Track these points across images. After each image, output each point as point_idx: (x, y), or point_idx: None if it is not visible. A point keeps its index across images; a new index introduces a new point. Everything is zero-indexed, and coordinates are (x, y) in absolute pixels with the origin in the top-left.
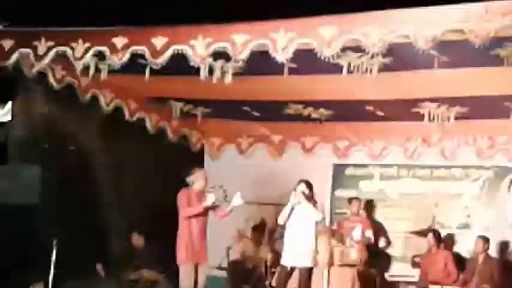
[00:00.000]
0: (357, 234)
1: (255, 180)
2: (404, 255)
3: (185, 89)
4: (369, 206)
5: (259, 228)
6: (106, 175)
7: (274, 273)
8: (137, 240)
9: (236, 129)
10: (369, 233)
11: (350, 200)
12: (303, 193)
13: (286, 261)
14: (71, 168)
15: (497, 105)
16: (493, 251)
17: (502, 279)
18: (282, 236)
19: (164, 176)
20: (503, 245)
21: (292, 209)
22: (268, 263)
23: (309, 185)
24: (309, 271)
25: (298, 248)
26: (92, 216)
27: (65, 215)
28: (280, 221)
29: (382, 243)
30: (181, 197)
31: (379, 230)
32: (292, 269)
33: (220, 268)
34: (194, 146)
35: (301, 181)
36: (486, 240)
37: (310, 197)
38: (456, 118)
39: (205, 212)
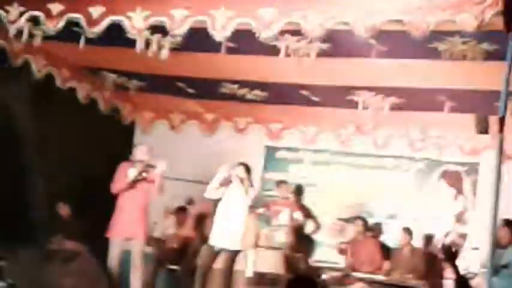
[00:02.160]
0: (283, 217)
1: (185, 157)
2: (331, 241)
3: (120, 61)
4: (298, 190)
5: (183, 208)
6: (32, 142)
7: (197, 252)
8: (63, 210)
9: (169, 104)
10: (298, 215)
11: (279, 183)
12: (238, 177)
13: (214, 241)
14: None
15: (432, 98)
16: (419, 242)
17: (426, 270)
18: (208, 216)
19: (95, 148)
20: (428, 237)
21: (224, 191)
22: (194, 243)
23: (248, 169)
24: (236, 253)
25: (228, 229)
26: (15, 183)
27: None
28: (207, 194)
29: (311, 227)
30: (117, 171)
31: (307, 214)
32: (220, 249)
33: (149, 245)
34: (125, 119)
35: (240, 164)
36: (410, 232)
37: (246, 180)
38: (391, 108)
39: (131, 187)
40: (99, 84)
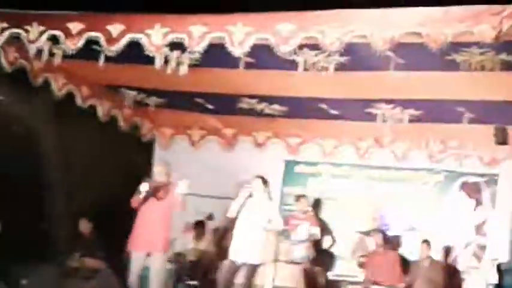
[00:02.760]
0: (302, 231)
1: (205, 172)
2: (350, 254)
3: (139, 78)
4: (317, 204)
5: (201, 222)
6: (55, 160)
7: (217, 267)
8: (85, 227)
9: (188, 120)
10: (315, 230)
11: (298, 197)
12: (259, 188)
13: (234, 255)
14: (17, 149)
15: (451, 109)
16: (438, 255)
17: (445, 282)
18: (228, 230)
19: (115, 165)
20: (448, 249)
21: (244, 202)
22: (213, 257)
23: (265, 182)
24: (255, 267)
25: (248, 243)
26: (38, 201)
27: (10, 197)
28: (230, 214)
29: (327, 242)
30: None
31: (324, 228)
32: (240, 264)
33: (168, 260)
34: (145, 136)
35: (257, 177)
36: (429, 244)
37: (267, 193)
38: (409, 121)
39: (150, 201)
40: (119, 101)
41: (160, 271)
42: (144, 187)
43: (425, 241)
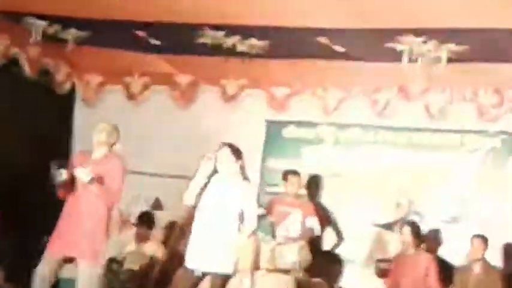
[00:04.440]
0: (293, 224)
1: (150, 140)
2: (366, 258)
3: (51, 2)
4: (314, 183)
5: (146, 214)
6: None
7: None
8: None
9: (125, 63)
10: (313, 222)
11: (286, 174)
12: (227, 162)
13: (193, 263)
14: None
15: (509, 43)
16: (494, 257)
17: None
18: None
19: (16, 130)
20: (510, 249)
21: (206, 184)
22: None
23: (237, 152)
24: (224, 278)
25: (213, 244)
26: None
27: None
28: (187, 200)
29: (329, 240)
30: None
31: (327, 219)
32: (204, 274)
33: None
34: (61, 86)
35: (223, 144)
36: (485, 240)
37: (239, 169)
38: (450, 60)
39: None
40: (22, 36)
41: (89, 283)
42: (82, 173)
43: (477, 236)
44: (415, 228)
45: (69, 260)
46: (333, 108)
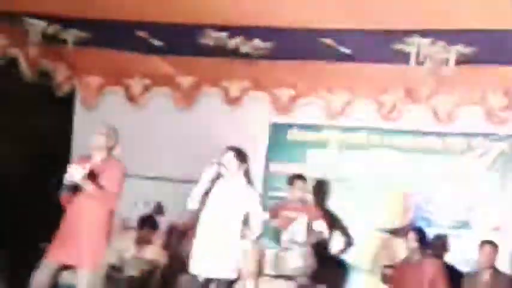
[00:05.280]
0: (299, 229)
1: (150, 142)
2: (371, 264)
3: (51, 3)
4: (320, 188)
5: (148, 218)
6: None
7: (170, 284)
8: None
9: (125, 64)
10: (321, 225)
11: (292, 179)
12: (231, 166)
13: (197, 268)
14: None
15: None
16: (505, 264)
17: None
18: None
19: (14, 133)
20: None
21: (210, 188)
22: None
23: (241, 155)
24: (228, 284)
25: (216, 249)
26: None
27: None
28: (190, 205)
29: (337, 244)
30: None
31: (334, 224)
32: (208, 280)
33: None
34: (60, 88)
35: (228, 148)
36: (494, 247)
37: (244, 174)
38: (458, 62)
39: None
40: (21, 36)
41: None
42: (74, 172)
43: (486, 243)
44: (420, 234)
45: (69, 267)
46: (339, 111)
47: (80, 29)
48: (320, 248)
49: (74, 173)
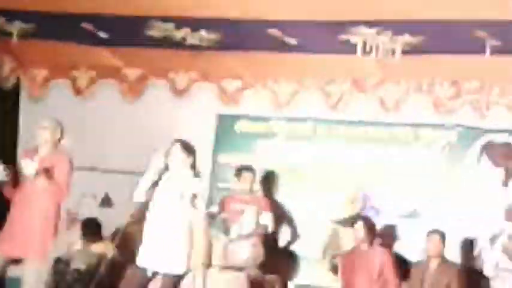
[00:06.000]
0: (248, 220)
1: (96, 134)
2: (320, 254)
3: None
4: (269, 179)
5: (93, 221)
6: None
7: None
8: None
9: (71, 56)
10: (267, 218)
11: (240, 171)
12: (178, 159)
13: (144, 261)
14: None
15: (466, 34)
16: (453, 252)
17: None
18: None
19: None
20: (467, 244)
21: (157, 180)
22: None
23: (187, 148)
24: (177, 278)
25: (164, 243)
26: None
27: None
28: (136, 197)
29: (285, 236)
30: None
31: (281, 215)
32: (153, 273)
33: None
34: (5, 81)
35: (175, 141)
36: (442, 236)
37: (190, 166)
38: (404, 52)
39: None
40: None
41: (36, 286)
42: (28, 166)
43: (434, 232)
44: (368, 223)
45: (16, 261)
46: (285, 102)
47: (24, 22)
48: (269, 239)
49: (27, 166)
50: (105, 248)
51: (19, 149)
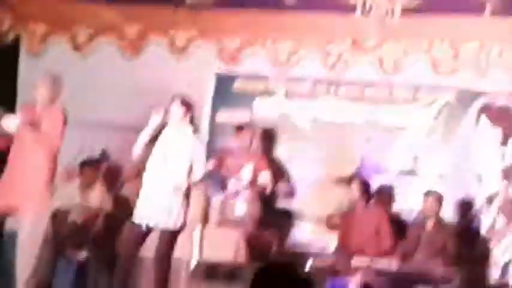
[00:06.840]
0: (245, 177)
1: (95, 90)
2: (317, 213)
3: None
4: (267, 137)
5: (93, 163)
6: None
7: (115, 233)
8: None
9: (71, 12)
10: (265, 176)
11: (239, 128)
12: (177, 114)
13: (141, 217)
14: None
15: None
16: (449, 212)
17: (460, 252)
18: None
19: None
20: (463, 204)
21: (156, 136)
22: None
23: (186, 104)
24: (173, 234)
25: (161, 197)
26: None
27: None
28: (135, 152)
29: (283, 193)
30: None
31: (279, 173)
32: (149, 229)
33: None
34: (4, 37)
35: (174, 97)
36: (438, 197)
37: (189, 122)
38: (404, 12)
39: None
40: None
41: (32, 236)
42: (10, 121)
43: (430, 192)
44: (364, 183)
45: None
46: (284, 62)
47: None
48: (266, 196)
49: (8, 124)
50: (102, 201)
51: (18, 103)
